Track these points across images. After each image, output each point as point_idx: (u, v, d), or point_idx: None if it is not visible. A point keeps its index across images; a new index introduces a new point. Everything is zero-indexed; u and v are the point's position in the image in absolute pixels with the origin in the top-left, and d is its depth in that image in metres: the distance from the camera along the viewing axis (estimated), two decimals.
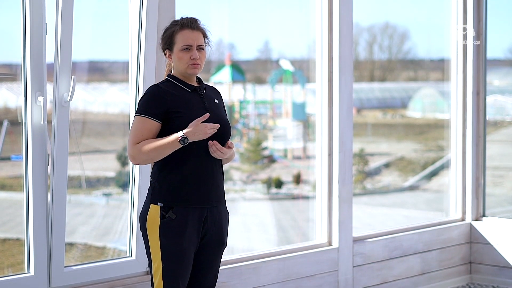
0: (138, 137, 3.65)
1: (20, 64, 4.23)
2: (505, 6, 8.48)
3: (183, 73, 3.77)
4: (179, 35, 3.73)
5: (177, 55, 3.74)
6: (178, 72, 3.78)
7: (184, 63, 3.74)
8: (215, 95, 3.90)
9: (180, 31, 3.74)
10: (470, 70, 6.74)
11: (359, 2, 6.03)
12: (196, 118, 3.64)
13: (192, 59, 3.73)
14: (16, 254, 10.79)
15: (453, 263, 6.61)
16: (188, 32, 3.74)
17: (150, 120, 3.65)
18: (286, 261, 5.49)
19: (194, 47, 3.74)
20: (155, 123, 3.65)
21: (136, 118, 3.67)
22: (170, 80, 3.78)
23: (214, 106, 3.82)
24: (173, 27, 3.76)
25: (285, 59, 23.71)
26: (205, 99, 3.80)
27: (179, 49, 3.73)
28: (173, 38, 3.74)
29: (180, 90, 3.75)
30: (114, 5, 18.52)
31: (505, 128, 18.63)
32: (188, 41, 3.73)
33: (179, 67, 3.76)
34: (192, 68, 3.74)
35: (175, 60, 3.76)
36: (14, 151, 13.76)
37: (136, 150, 3.64)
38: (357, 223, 6.18)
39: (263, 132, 22.05)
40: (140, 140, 3.64)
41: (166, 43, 3.78)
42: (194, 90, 3.79)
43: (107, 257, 10.95)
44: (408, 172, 21.23)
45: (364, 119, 26.71)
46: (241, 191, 18.83)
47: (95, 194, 15.44)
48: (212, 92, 3.91)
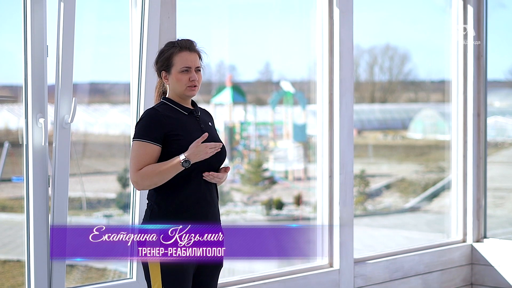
0: (140, 163, 3.63)
1: (21, 85, 4.24)
2: (505, 27, 8.50)
3: (180, 95, 3.76)
4: (178, 57, 3.73)
5: (175, 77, 3.73)
6: (176, 93, 3.77)
7: (183, 85, 3.73)
8: (208, 118, 3.90)
9: (179, 53, 3.73)
10: (471, 91, 6.75)
11: (359, 24, 6.06)
12: (194, 141, 3.64)
13: (191, 81, 3.73)
14: (16, 276, 10.77)
15: (454, 284, 6.59)
16: (186, 54, 3.74)
17: (151, 145, 3.64)
18: (287, 283, 5.47)
19: (193, 69, 3.74)
20: (155, 147, 3.65)
21: (136, 143, 3.65)
22: (166, 103, 3.77)
23: (209, 129, 3.83)
24: (170, 49, 3.76)
25: (286, 81, 23.77)
26: (201, 122, 3.80)
27: (178, 70, 3.72)
28: (171, 60, 3.73)
29: (177, 113, 3.74)
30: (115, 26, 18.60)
31: (506, 150, 18.64)
32: (187, 63, 3.73)
33: (177, 89, 3.75)
34: (191, 90, 3.74)
35: (172, 82, 3.75)
36: (15, 173, 13.78)
37: (139, 176, 3.62)
38: (358, 245, 6.17)
39: (263, 154, 22.05)
40: (142, 165, 3.62)
41: (164, 64, 3.76)
42: (191, 113, 3.78)
43: (107, 278, 10.92)
44: (409, 193, 21.21)
45: (365, 141, 26.72)
46: (242, 213, 18.81)
47: (95, 216, 15.42)
48: (205, 115, 3.90)
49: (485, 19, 6.74)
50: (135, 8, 4.64)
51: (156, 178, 3.61)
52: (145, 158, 3.63)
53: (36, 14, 4.16)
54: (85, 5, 10.03)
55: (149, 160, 3.63)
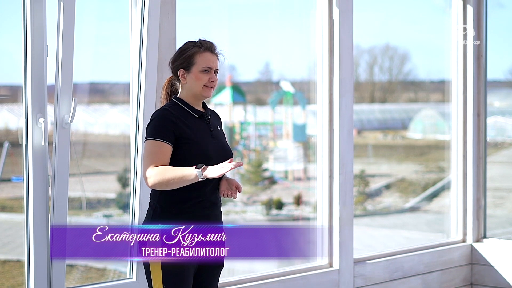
0: (154, 159, 3.60)
1: (21, 85, 4.24)
2: (505, 27, 8.51)
3: (196, 95, 3.75)
4: (200, 56, 3.73)
5: (195, 76, 3.73)
6: (191, 93, 3.76)
7: (200, 85, 3.73)
8: (217, 121, 3.90)
9: (203, 52, 3.74)
10: (471, 91, 6.75)
11: (359, 24, 6.06)
12: (203, 146, 3.65)
13: (210, 81, 3.74)
14: (16, 276, 10.77)
15: (454, 284, 6.59)
16: (209, 54, 3.75)
17: (164, 144, 3.62)
18: (287, 283, 5.47)
19: (213, 70, 3.76)
20: (169, 147, 3.63)
21: (149, 142, 3.63)
22: (178, 104, 3.76)
23: (218, 132, 3.83)
24: (193, 47, 3.75)
25: (286, 81, 23.78)
26: (211, 126, 3.80)
27: (199, 70, 3.72)
28: (193, 59, 3.73)
29: (187, 116, 3.73)
30: (115, 26, 18.60)
31: (506, 150, 18.65)
32: (209, 63, 3.74)
33: (194, 88, 3.74)
34: (208, 90, 3.75)
35: (191, 80, 3.74)
36: (14, 173, 13.79)
37: (153, 172, 3.58)
38: (358, 245, 6.18)
39: (263, 154, 22.05)
40: (157, 162, 3.60)
41: (184, 62, 3.74)
42: (201, 116, 3.78)
43: (107, 278, 10.92)
44: (409, 193, 21.22)
45: (365, 141, 26.74)
46: (242, 213, 18.82)
47: (95, 216, 15.43)
48: (214, 117, 3.90)
49: (485, 19, 6.75)
50: (135, 8, 4.64)
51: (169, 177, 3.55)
52: (160, 155, 3.61)
53: (36, 14, 4.16)
54: (85, 5, 10.03)
55: (163, 158, 3.61)
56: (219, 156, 3.71)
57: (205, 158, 3.65)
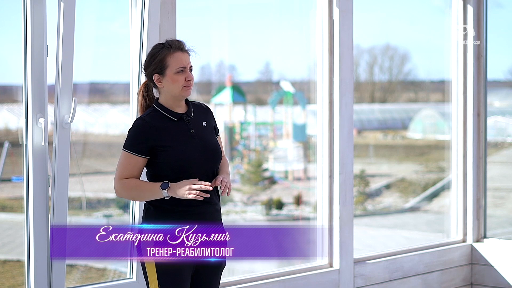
0: (123, 172, 3.67)
1: (21, 85, 4.24)
2: (505, 27, 8.51)
3: (176, 96, 3.71)
4: (172, 58, 3.68)
5: (171, 78, 3.69)
6: (170, 96, 3.72)
7: (179, 86, 3.69)
8: (203, 117, 3.84)
9: (173, 53, 3.69)
10: (471, 91, 6.75)
11: (359, 24, 6.06)
12: (182, 149, 3.65)
13: (187, 80, 3.71)
14: (16, 276, 10.77)
15: (454, 284, 6.59)
16: (180, 54, 3.70)
17: (135, 156, 3.65)
18: (287, 283, 5.47)
19: (187, 69, 3.73)
20: (139, 159, 3.66)
21: (123, 153, 3.68)
22: (157, 110, 3.73)
23: (201, 130, 3.77)
24: (162, 50, 3.70)
25: (286, 81, 23.77)
26: (192, 126, 3.76)
27: (173, 72, 3.68)
28: (165, 62, 3.68)
29: (165, 122, 3.70)
30: (115, 27, 18.60)
31: (506, 150, 18.65)
32: (182, 63, 3.69)
33: (173, 91, 3.70)
34: (187, 89, 3.71)
35: (167, 84, 3.70)
36: (14, 173, 13.79)
37: (120, 185, 3.67)
38: (358, 245, 6.18)
39: (263, 154, 22.04)
40: (125, 175, 3.66)
41: (157, 67, 3.69)
42: (180, 119, 3.74)
43: (107, 278, 10.92)
44: (409, 193, 21.21)
45: (365, 140, 26.74)
46: (242, 213, 18.82)
47: (95, 216, 15.42)
48: (200, 113, 3.84)
49: (485, 19, 6.75)
50: (135, 8, 4.65)
51: (134, 194, 3.67)
52: (129, 168, 3.67)
53: (36, 14, 4.16)
54: (85, 5, 10.02)
55: (132, 170, 3.66)
56: (201, 156, 3.71)
57: (184, 162, 3.66)
